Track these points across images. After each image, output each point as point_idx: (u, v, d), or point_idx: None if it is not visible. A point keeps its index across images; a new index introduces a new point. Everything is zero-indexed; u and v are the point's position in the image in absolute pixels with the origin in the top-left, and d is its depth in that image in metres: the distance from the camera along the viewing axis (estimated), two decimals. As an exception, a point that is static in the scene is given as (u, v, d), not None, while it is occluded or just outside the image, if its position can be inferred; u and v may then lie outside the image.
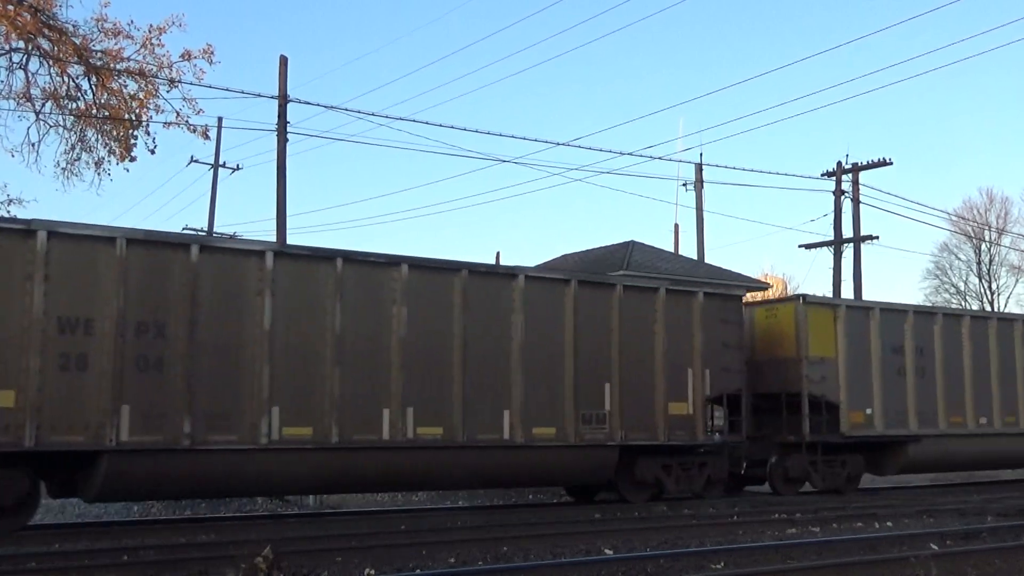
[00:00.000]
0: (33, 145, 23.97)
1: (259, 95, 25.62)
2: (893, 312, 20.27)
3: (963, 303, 57.16)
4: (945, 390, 20.45)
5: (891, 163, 32.56)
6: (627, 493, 16.97)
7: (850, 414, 18.95)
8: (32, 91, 23.50)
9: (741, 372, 17.89)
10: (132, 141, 24.28)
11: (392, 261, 14.64)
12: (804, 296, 19.16)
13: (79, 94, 23.87)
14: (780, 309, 19.35)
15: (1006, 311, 25.71)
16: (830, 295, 30.36)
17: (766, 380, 18.90)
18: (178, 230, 37.33)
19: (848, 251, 33.09)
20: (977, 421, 20.94)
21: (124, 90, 24.10)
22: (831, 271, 33.19)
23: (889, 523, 13.45)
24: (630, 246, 29.00)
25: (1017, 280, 59.49)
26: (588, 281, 16.65)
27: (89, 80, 23.78)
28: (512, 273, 15.84)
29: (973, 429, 20.88)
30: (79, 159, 24.39)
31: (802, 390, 18.43)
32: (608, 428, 16.20)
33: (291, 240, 25.75)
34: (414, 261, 14.78)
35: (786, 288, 54.33)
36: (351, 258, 14.33)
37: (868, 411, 19.22)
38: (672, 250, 37.38)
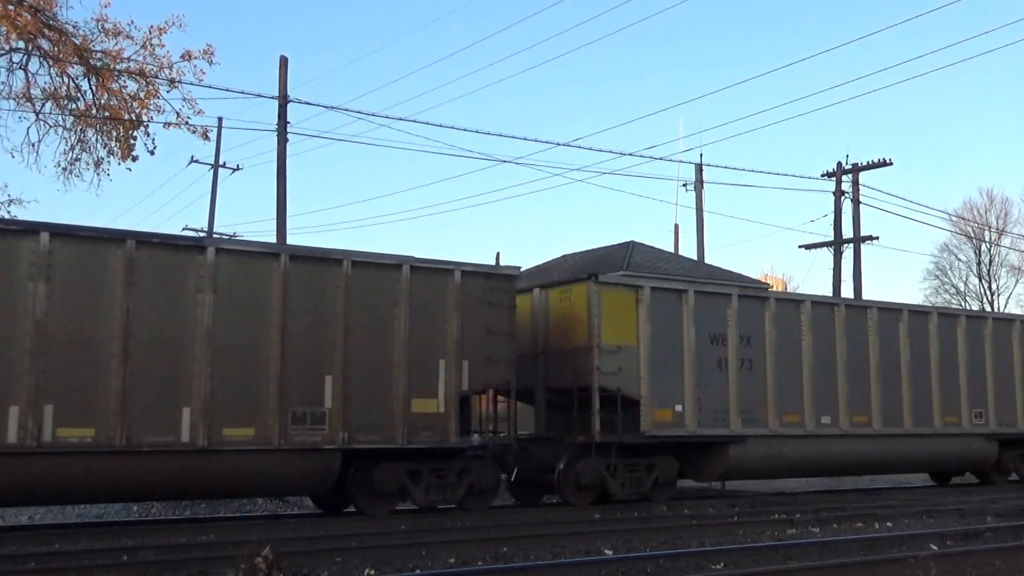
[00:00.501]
0: (33, 145, 23.99)
1: (259, 95, 25.71)
2: (712, 296, 17.97)
3: (963, 304, 57.26)
4: (777, 386, 18.01)
5: (891, 163, 32.66)
6: (363, 505, 14.58)
7: (654, 411, 16.54)
8: (32, 91, 23.52)
9: (511, 363, 15.56)
10: (132, 141, 24.30)
11: (27, 229, 12.58)
12: (597, 275, 16.74)
13: (79, 94, 23.88)
14: (574, 291, 16.81)
15: (862, 299, 24.80)
16: (830, 295, 30.23)
17: (559, 372, 16.67)
18: (178, 231, 37.40)
19: (848, 251, 33.16)
20: (818, 420, 18.52)
21: (124, 90, 24.11)
22: (831, 271, 33.29)
23: (889, 523, 13.44)
24: (630, 246, 29.02)
25: (1017, 281, 59.63)
26: (305, 256, 14.31)
27: (89, 80, 23.78)
28: (199, 246, 13.71)
29: (812, 429, 18.46)
30: (79, 159, 24.40)
31: (592, 383, 16.05)
32: (327, 429, 13.92)
33: (292, 241, 25.85)
34: (58, 229, 12.61)
35: (786, 289, 54.25)
36: None
37: (678, 408, 16.84)
38: (672, 250, 37.42)
